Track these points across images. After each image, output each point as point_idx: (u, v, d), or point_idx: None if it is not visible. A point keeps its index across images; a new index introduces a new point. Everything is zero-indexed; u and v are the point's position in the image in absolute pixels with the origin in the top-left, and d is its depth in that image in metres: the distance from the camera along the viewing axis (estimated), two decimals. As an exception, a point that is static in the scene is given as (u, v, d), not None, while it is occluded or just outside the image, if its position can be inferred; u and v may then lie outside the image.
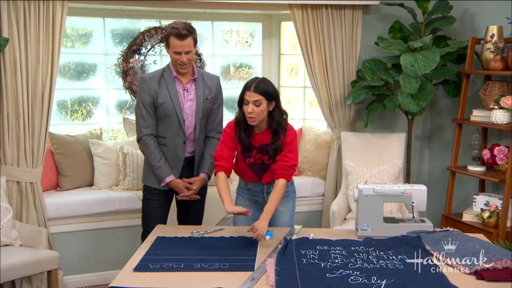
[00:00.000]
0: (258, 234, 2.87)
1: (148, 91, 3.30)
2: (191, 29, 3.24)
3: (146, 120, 3.33)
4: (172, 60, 3.30)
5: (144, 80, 3.33)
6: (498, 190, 4.29)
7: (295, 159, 3.08)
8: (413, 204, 3.06)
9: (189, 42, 3.21)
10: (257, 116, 2.98)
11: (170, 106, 3.30)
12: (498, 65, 3.97)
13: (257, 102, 2.95)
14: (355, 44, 4.52)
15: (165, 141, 3.38)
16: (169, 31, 3.22)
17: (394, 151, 4.41)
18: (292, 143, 3.07)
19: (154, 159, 3.34)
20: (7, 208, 3.69)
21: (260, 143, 3.09)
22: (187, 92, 3.35)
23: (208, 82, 3.41)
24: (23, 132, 3.82)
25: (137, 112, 3.36)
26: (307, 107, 5.04)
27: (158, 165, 3.34)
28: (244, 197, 3.29)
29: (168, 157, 3.38)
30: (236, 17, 4.86)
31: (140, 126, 3.35)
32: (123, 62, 4.34)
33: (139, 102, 3.33)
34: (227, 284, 2.42)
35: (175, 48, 3.21)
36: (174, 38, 3.19)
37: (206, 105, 3.39)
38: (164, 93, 3.30)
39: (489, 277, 2.47)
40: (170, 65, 3.35)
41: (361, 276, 2.46)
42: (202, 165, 3.46)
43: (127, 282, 2.45)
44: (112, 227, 4.19)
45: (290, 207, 3.27)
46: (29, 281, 3.86)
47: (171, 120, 3.33)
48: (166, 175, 3.36)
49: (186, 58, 3.22)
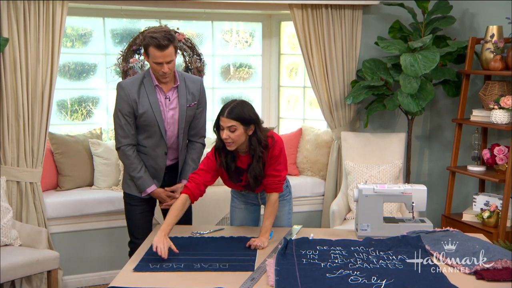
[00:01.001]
0: (257, 244, 2.84)
1: (127, 100, 3.11)
2: (171, 37, 3.03)
3: (125, 130, 3.16)
4: (152, 70, 3.12)
5: (123, 88, 3.14)
6: (498, 190, 4.29)
7: (285, 169, 3.02)
8: (413, 204, 3.06)
9: (170, 52, 3.02)
10: (234, 141, 2.84)
11: (151, 116, 3.14)
12: (498, 65, 3.97)
13: (232, 128, 2.80)
14: (355, 44, 4.52)
15: (145, 150, 3.24)
16: (148, 41, 3.01)
17: (394, 151, 4.41)
18: (280, 155, 2.95)
19: (134, 169, 3.20)
20: (7, 208, 3.69)
21: (248, 163, 2.97)
22: (169, 101, 3.18)
23: (191, 87, 3.24)
24: (23, 132, 3.82)
25: (116, 122, 3.18)
26: (307, 107, 5.04)
27: (138, 176, 3.20)
28: (239, 200, 3.27)
29: (148, 166, 3.25)
30: (236, 17, 4.86)
31: (118, 136, 3.18)
32: (123, 62, 4.34)
33: (118, 111, 3.15)
34: (227, 284, 2.42)
35: (156, 59, 3.02)
36: (154, 49, 2.99)
37: (190, 112, 3.24)
38: (144, 102, 3.12)
39: (489, 277, 2.48)
40: (151, 71, 3.16)
41: (361, 276, 2.46)
42: (184, 171, 3.31)
43: (127, 282, 2.45)
44: (112, 227, 4.18)
45: (286, 211, 3.23)
46: (29, 281, 3.86)
47: (152, 130, 3.18)
48: (148, 186, 3.22)
49: (168, 68, 3.04)
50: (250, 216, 3.26)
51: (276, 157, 2.95)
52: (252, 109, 2.89)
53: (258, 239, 2.88)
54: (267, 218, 2.96)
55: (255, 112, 2.92)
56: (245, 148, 2.93)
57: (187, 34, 4.53)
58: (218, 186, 4.44)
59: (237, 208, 3.27)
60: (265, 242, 2.88)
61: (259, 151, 2.89)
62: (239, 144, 2.88)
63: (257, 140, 2.88)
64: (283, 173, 3.00)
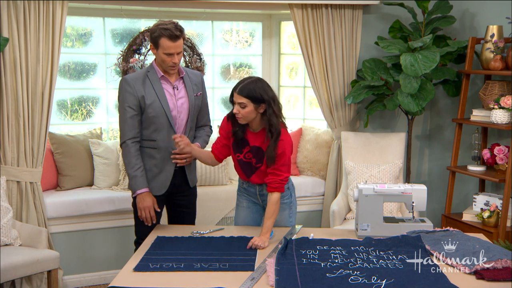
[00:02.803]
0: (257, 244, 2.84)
1: (132, 92, 3.12)
2: (182, 28, 3.11)
3: (131, 124, 3.14)
4: (161, 61, 3.13)
5: (127, 81, 3.15)
6: (498, 190, 4.30)
7: (288, 171, 3.02)
8: (413, 203, 3.07)
9: (181, 43, 3.09)
10: (243, 117, 2.92)
11: (159, 106, 3.15)
12: (498, 65, 3.97)
13: (242, 104, 2.88)
14: (355, 44, 4.52)
15: (155, 144, 3.20)
16: (159, 32, 3.05)
17: (394, 151, 4.41)
18: (285, 155, 2.96)
19: (132, 167, 3.14)
20: (7, 208, 3.69)
21: (253, 143, 3.03)
22: (177, 90, 3.23)
23: (193, 79, 3.31)
24: (23, 132, 3.82)
25: (121, 116, 3.16)
26: (307, 107, 5.04)
27: (134, 174, 3.14)
28: (243, 197, 3.27)
29: (159, 160, 3.22)
30: (236, 17, 4.86)
31: (125, 129, 3.15)
32: (123, 62, 4.34)
33: (124, 104, 3.13)
34: (227, 284, 2.42)
35: (168, 49, 3.06)
36: (167, 40, 3.04)
37: (197, 102, 3.29)
38: (151, 93, 3.14)
39: (489, 276, 2.48)
40: (154, 65, 3.20)
41: (361, 276, 2.46)
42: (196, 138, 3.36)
43: (127, 282, 2.46)
44: (112, 227, 4.19)
45: (286, 214, 3.21)
46: (29, 280, 3.86)
47: (160, 122, 3.17)
48: (140, 187, 3.15)
49: (177, 58, 3.11)
50: (253, 217, 3.25)
51: (280, 156, 2.94)
52: (265, 88, 2.92)
53: (258, 238, 2.88)
54: (268, 218, 2.96)
55: (269, 92, 2.94)
56: (257, 125, 3.00)
57: (187, 34, 4.52)
58: (218, 186, 4.46)
59: (240, 206, 3.28)
60: (266, 242, 2.87)
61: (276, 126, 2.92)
62: (248, 120, 2.96)
63: (268, 120, 2.92)
64: (285, 175, 2.99)
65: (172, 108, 3.20)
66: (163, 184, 3.25)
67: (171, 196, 3.32)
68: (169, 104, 3.18)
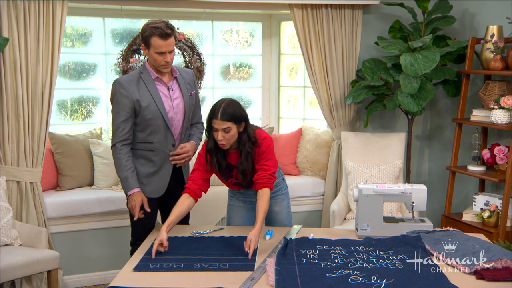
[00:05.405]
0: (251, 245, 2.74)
1: (127, 95, 3.09)
2: (172, 26, 3.09)
3: (126, 125, 3.12)
4: (153, 61, 3.10)
5: (121, 84, 3.12)
6: (498, 190, 4.30)
7: (274, 165, 3.03)
8: (413, 203, 3.07)
9: (172, 41, 3.07)
10: (228, 141, 2.88)
11: (154, 108, 3.12)
12: (498, 65, 3.97)
13: (227, 129, 2.83)
14: (355, 44, 4.52)
15: (152, 147, 3.19)
16: (150, 31, 3.03)
17: (394, 151, 4.41)
18: (268, 151, 2.97)
19: (122, 168, 3.12)
20: (7, 208, 3.69)
21: (238, 161, 2.99)
22: (172, 91, 3.21)
23: (186, 77, 3.29)
24: (23, 132, 3.82)
25: (115, 118, 3.14)
26: (307, 107, 5.04)
27: (125, 176, 3.12)
28: (237, 198, 3.27)
29: (156, 163, 3.21)
30: (236, 17, 4.86)
31: (117, 132, 3.13)
32: (123, 62, 4.34)
33: (117, 106, 3.12)
34: (227, 284, 2.42)
35: (160, 48, 3.04)
36: (158, 39, 3.02)
37: (192, 101, 3.28)
38: (146, 96, 3.12)
39: (489, 276, 2.47)
40: (147, 66, 3.16)
41: (361, 276, 2.46)
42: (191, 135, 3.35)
43: (127, 282, 2.46)
44: (112, 227, 4.19)
45: (286, 205, 3.25)
46: (29, 280, 3.86)
47: (156, 124, 3.15)
48: (132, 187, 3.13)
49: (170, 57, 3.08)
50: (249, 215, 3.25)
51: (264, 152, 2.96)
52: (240, 106, 2.93)
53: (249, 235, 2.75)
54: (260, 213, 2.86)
55: (243, 108, 2.96)
56: (235, 144, 2.96)
57: (187, 34, 4.53)
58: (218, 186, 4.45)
59: (235, 207, 3.27)
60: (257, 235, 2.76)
61: (248, 147, 2.93)
62: (231, 143, 2.92)
63: (247, 137, 2.92)
64: (272, 169, 3.00)
65: (168, 109, 3.18)
66: (161, 187, 3.25)
67: (165, 197, 3.30)
68: (165, 105, 3.16)
